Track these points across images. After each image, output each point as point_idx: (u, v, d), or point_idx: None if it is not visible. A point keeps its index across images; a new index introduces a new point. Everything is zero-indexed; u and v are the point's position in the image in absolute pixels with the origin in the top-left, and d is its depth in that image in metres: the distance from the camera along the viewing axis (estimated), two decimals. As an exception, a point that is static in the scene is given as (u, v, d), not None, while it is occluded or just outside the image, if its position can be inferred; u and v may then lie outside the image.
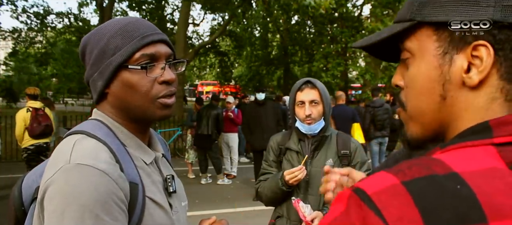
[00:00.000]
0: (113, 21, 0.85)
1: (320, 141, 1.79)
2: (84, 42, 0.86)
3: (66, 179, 0.68)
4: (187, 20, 13.87)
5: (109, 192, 0.70)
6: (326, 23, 13.85)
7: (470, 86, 0.48)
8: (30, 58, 18.56)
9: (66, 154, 0.72)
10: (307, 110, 1.73)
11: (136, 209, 0.76)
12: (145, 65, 0.80)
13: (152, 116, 0.83)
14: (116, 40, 0.80)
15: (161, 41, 0.84)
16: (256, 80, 19.43)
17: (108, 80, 0.81)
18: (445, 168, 0.42)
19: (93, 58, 0.83)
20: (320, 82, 1.82)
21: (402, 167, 0.43)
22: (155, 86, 0.82)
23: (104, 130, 0.81)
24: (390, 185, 0.41)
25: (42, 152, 5.01)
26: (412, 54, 0.53)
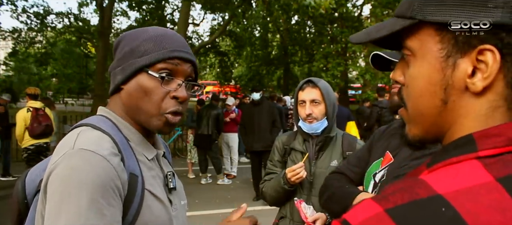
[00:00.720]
0: (153, 28, 0.89)
1: (324, 141, 1.78)
2: (121, 37, 0.91)
3: (68, 162, 0.71)
4: (187, 20, 13.86)
5: (108, 177, 0.72)
6: (326, 23, 13.84)
7: (474, 92, 0.46)
8: (30, 58, 18.53)
9: (70, 142, 0.75)
10: (307, 109, 1.74)
11: (134, 200, 0.78)
12: (163, 77, 0.83)
13: (153, 127, 0.86)
14: (148, 45, 0.84)
15: (188, 60, 0.87)
16: (256, 80, 19.42)
17: (127, 78, 0.84)
18: (429, 190, 0.41)
19: (122, 54, 0.87)
20: (323, 82, 1.80)
21: (386, 193, 0.43)
22: (166, 99, 0.85)
23: (108, 124, 0.83)
24: (374, 214, 0.41)
25: (42, 152, 5.01)
26: (413, 53, 0.51)
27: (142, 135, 0.88)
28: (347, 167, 1.46)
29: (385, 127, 1.44)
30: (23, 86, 19.08)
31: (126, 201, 0.76)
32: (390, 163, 1.25)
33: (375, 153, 1.37)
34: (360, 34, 0.58)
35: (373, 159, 1.36)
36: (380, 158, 1.33)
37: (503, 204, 0.38)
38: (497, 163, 0.42)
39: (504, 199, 0.39)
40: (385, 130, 1.42)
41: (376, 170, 1.32)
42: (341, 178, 1.44)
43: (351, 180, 1.42)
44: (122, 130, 0.85)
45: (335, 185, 1.40)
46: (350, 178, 1.43)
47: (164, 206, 0.85)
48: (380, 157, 1.33)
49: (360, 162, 1.43)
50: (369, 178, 1.34)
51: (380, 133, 1.43)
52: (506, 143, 0.43)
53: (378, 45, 0.60)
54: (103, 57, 13.39)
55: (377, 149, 1.37)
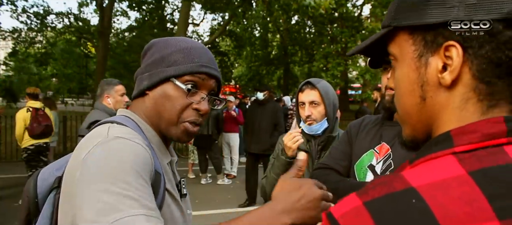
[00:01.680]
0: (184, 39, 0.93)
1: (327, 141, 1.79)
2: (152, 43, 0.93)
3: (105, 149, 0.71)
4: (187, 20, 13.86)
5: (146, 162, 0.73)
6: (326, 23, 13.85)
7: (445, 85, 0.50)
8: (30, 58, 18.54)
9: (103, 133, 0.75)
10: (306, 110, 1.75)
11: (158, 197, 0.78)
12: (189, 89, 0.86)
13: (172, 134, 0.88)
14: (178, 56, 0.87)
15: (213, 76, 0.90)
16: (256, 80, 19.42)
17: (154, 85, 0.87)
18: (404, 183, 0.43)
19: (151, 60, 0.90)
20: (323, 83, 1.80)
21: (368, 188, 0.45)
22: (187, 110, 0.87)
23: (132, 124, 0.85)
24: (353, 207, 0.44)
25: (42, 152, 5.01)
26: (396, 58, 0.56)
27: (160, 138, 0.91)
28: (333, 161, 1.47)
29: (359, 122, 1.50)
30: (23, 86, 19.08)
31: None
32: (388, 154, 1.29)
33: (360, 147, 1.40)
34: (355, 47, 0.65)
35: (359, 152, 1.39)
36: (369, 150, 1.36)
37: (472, 196, 0.40)
38: (470, 158, 0.44)
39: (474, 192, 0.41)
40: (361, 124, 1.48)
41: (369, 162, 1.34)
42: (332, 173, 1.45)
43: (339, 173, 1.44)
44: (144, 132, 0.87)
45: (333, 179, 1.40)
46: (338, 171, 1.45)
47: (180, 208, 0.87)
48: (369, 149, 1.36)
49: (344, 156, 1.45)
50: (365, 170, 1.35)
51: (356, 127, 1.48)
52: (480, 139, 0.46)
53: (367, 56, 0.67)
54: (103, 57, 13.39)
55: (361, 142, 1.41)
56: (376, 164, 1.32)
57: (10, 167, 7.42)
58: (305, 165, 1.70)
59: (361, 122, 1.49)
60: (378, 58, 0.67)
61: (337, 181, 1.38)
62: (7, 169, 7.33)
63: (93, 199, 0.64)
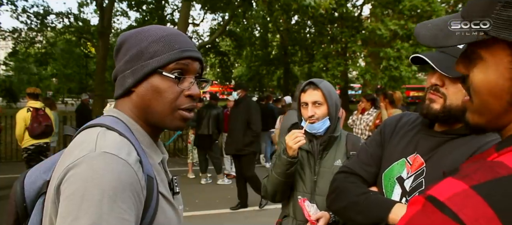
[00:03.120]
0: (156, 27, 0.89)
1: (329, 141, 1.79)
2: (123, 39, 0.90)
3: (90, 165, 0.70)
4: (187, 20, 13.86)
5: (130, 182, 0.71)
6: (326, 23, 13.84)
7: None
8: (30, 58, 18.53)
9: (91, 143, 0.74)
10: (309, 111, 1.75)
11: (152, 202, 0.78)
12: (179, 77, 0.85)
13: (168, 124, 0.87)
14: (157, 46, 0.85)
15: (197, 58, 0.89)
16: (256, 80, 19.43)
17: (139, 81, 0.84)
18: (508, 169, 0.46)
19: (129, 56, 0.86)
20: (325, 83, 1.81)
21: (467, 172, 0.47)
22: (180, 97, 0.86)
23: (121, 126, 0.83)
24: (460, 190, 0.45)
25: (42, 152, 5.01)
26: (482, 59, 0.58)
27: (151, 138, 0.89)
28: (360, 166, 1.32)
29: (395, 121, 1.33)
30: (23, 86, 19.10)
31: (145, 205, 0.76)
32: (421, 170, 1.14)
33: (392, 152, 1.25)
34: (426, 35, 0.63)
35: (391, 158, 1.24)
36: (401, 159, 1.20)
37: None
38: None
39: None
40: (396, 124, 1.31)
41: (399, 173, 1.19)
42: (356, 180, 1.30)
43: (364, 180, 1.30)
44: (134, 133, 0.85)
45: (355, 191, 1.24)
46: (363, 178, 1.30)
47: (174, 209, 0.87)
48: (401, 157, 1.20)
49: (373, 160, 1.31)
50: (392, 182, 1.20)
51: (391, 127, 1.31)
52: None
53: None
54: (103, 57, 13.39)
55: (394, 148, 1.25)
56: (406, 178, 1.17)
57: (10, 167, 7.42)
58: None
59: (397, 121, 1.32)
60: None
61: (359, 194, 1.22)
62: (7, 169, 7.32)
63: (69, 217, 0.66)
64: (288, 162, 1.71)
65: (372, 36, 11.00)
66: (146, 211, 0.76)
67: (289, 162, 1.71)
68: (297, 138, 1.66)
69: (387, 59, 10.67)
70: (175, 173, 0.97)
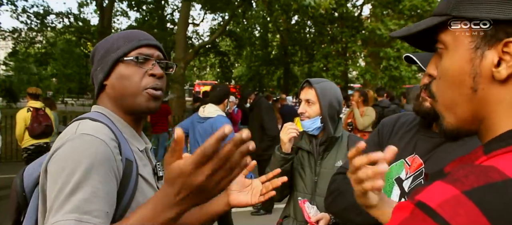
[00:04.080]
0: (120, 32, 1.03)
1: (330, 142, 1.79)
2: (95, 47, 1.03)
3: (71, 145, 0.80)
4: (187, 20, 13.87)
5: (106, 157, 0.80)
6: (326, 23, 13.84)
7: (499, 79, 0.51)
8: (30, 58, 18.51)
9: (73, 129, 0.85)
10: (301, 108, 1.81)
11: (130, 184, 0.86)
12: (137, 57, 0.95)
13: (140, 106, 0.95)
14: (119, 42, 0.97)
15: (155, 46, 1.01)
16: (256, 80, 19.43)
17: (107, 73, 0.96)
18: (501, 174, 0.43)
19: (98, 58, 0.99)
20: (324, 83, 1.81)
21: (458, 176, 0.45)
22: (145, 77, 0.95)
23: (103, 118, 0.93)
24: (451, 196, 0.42)
25: (42, 152, 4.99)
26: (446, 47, 0.57)
27: (132, 128, 0.99)
28: None
29: (393, 121, 1.32)
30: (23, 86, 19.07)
31: (121, 185, 0.85)
32: (420, 171, 1.13)
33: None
34: (401, 30, 0.66)
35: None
36: (400, 160, 1.19)
37: None
38: None
39: None
40: (394, 125, 1.30)
41: (398, 174, 1.19)
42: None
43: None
44: (115, 123, 0.94)
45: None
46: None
47: (155, 191, 0.89)
48: (400, 158, 1.20)
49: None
50: (391, 183, 1.20)
51: (389, 128, 1.31)
52: None
53: (412, 45, 0.67)
54: (103, 57, 13.36)
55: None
56: (405, 179, 1.17)
57: (10, 167, 7.41)
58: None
59: (395, 122, 1.31)
60: (420, 44, 0.67)
61: None
62: (7, 169, 7.32)
63: (49, 199, 0.77)
64: (282, 158, 1.72)
65: (372, 36, 10.99)
66: (124, 191, 0.85)
67: (282, 158, 1.72)
68: (288, 131, 1.69)
69: (387, 59, 10.68)
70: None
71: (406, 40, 0.67)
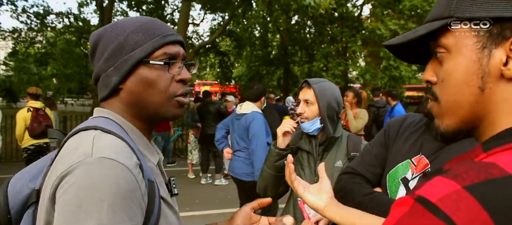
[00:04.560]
0: (130, 19, 0.84)
1: (329, 142, 1.79)
2: (97, 36, 0.84)
3: (88, 172, 0.65)
4: (187, 20, 13.86)
5: (130, 189, 0.67)
6: (326, 23, 13.83)
7: (509, 77, 0.51)
8: (30, 58, 18.53)
9: (87, 147, 0.68)
10: (299, 108, 1.80)
11: (154, 208, 0.74)
12: (168, 62, 0.81)
13: (165, 114, 0.83)
14: (137, 36, 0.80)
15: (178, 42, 0.86)
16: (256, 80, 19.39)
17: (125, 76, 0.79)
18: (501, 171, 0.43)
19: (108, 53, 0.80)
20: (322, 83, 1.80)
21: (458, 172, 0.44)
22: (173, 84, 0.82)
23: (115, 127, 0.78)
24: (452, 190, 0.42)
25: (42, 152, 5.01)
26: (448, 50, 0.56)
27: (146, 136, 0.85)
28: (364, 167, 1.31)
29: (399, 122, 1.31)
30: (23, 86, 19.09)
31: (147, 211, 0.72)
32: (426, 169, 1.13)
33: (396, 153, 1.23)
34: (396, 38, 0.63)
35: (395, 159, 1.23)
36: (406, 160, 1.19)
37: None
38: None
39: None
40: (401, 125, 1.29)
41: (404, 174, 1.18)
42: (361, 181, 1.29)
43: (368, 181, 1.29)
44: (129, 134, 0.80)
45: (360, 192, 1.23)
46: (368, 179, 1.29)
47: (175, 212, 0.84)
48: (406, 159, 1.19)
49: (377, 161, 1.30)
50: (397, 183, 1.20)
51: (396, 128, 1.30)
52: None
53: (400, 58, 0.66)
54: (103, 57, 13.35)
55: (398, 149, 1.24)
56: (411, 179, 1.16)
57: (10, 167, 7.41)
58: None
59: (402, 122, 1.30)
60: (414, 51, 0.65)
61: (364, 195, 1.21)
62: (7, 169, 7.32)
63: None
64: (276, 153, 1.73)
65: (372, 36, 10.98)
66: (149, 217, 0.72)
67: (277, 153, 1.73)
68: (283, 125, 1.71)
69: (387, 59, 10.66)
70: (175, 173, 0.97)
71: (395, 52, 0.66)
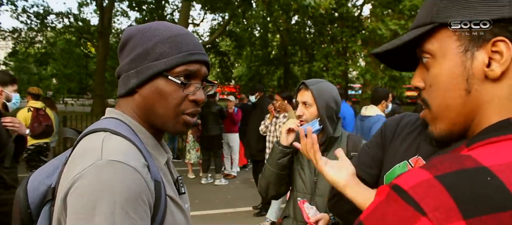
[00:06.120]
0: (164, 26, 0.85)
1: (329, 142, 1.79)
2: (129, 34, 0.86)
3: (98, 175, 0.67)
4: (187, 20, 13.86)
5: (140, 190, 0.69)
6: (326, 23, 13.83)
7: (493, 78, 0.53)
8: (30, 58, 18.54)
9: (96, 151, 0.71)
10: (298, 111, 1.79)
11: (160, 207, 0.76)
12: (185, 82, 0.82)
13: (170, 128, 0.85)
14: (164, 47, 0.81)
15: (204, 62, 0.86)
16: (256, 80, 19.41)
17: (143, 82, 0.81)
18: (475, 162, 0.46)
19: (134, 55, 0.83)
20: (321, 84, 1.80)
21: (434, 162, 0.47)
22: (185, 102, 0.83)
23: (125, 128, 0.80)
24: (424, 179, 0.45)
25: (42, 152, 5.01)
26: (432, 55, 0.58)
27: (155, 139, 0.87)
28: (361, 168, 1.30)
29: (396, 122, 1.30)
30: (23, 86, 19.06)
31: (153, 210, 0.75)
32: None
33: (393, 154, 1.22)
34: (383, 45, 0.65)
35: (392, 160, 1.21)
36: (403, 161, 1.18)
37: None
38: None
39: None
40: (397, 126, 1.29)
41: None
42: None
43: (365, 182, 1.27)
44: (138, 134, 0.82)
45: None
46: (365, 180, 1.28)
47: (182, 211, 0.85)
48: (403, 160, 1.18)
49: (374, 162, 1.29)
50: None
51: (392, 129, 1.28)
52: None
53: (391, 67, 0.69)
54: (103, 57, 13.39)
55: (395, 150, 1.22)
56: None
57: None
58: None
59: (398, 122, 1.29)
60: (402, 58, 0.67)
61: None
62: (7, 169, 7.32)
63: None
64: (280, 151, 1.73)
65: (372, 36, 10.98)
66: (155, 216, 0.75)
67: (281, 151, 1.73)
68: (288, 123, 1.71)
69: (387, 59, 10.67)
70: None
71: (384, 61, 0.68)
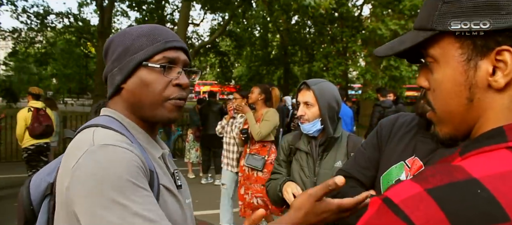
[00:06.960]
0: (140, 26, 0.91)
1: (329, 142, 1.79)
2: (109, 41, 0.91)
3: (94, 159, 0.70)
4: (187, 20, 13.86)
5: (138, 165, 0.72)
6: (326, 23, 13.83)
7: (497, 88, 0.51)
8: (30, 58, 18.52)
9: (88, 140, 0.74)
10: (300, 110, 1.79)
11: (153, 194, 0.78)
12: (164, 65, 0.85)
13: (160, 116, 0.87)
14: (141, 41, 0.86)
15: (181, 48, 0.90)
16: (256, 80, 19.41)
17: (127, 76, 0.85)
18: (465, 174, 0.45)
19: (115, 55, 0.87)
20: (322, 84, 1.80)
21: (425, 175, 0.47)
22: (169, 87, 0.86)
23: (116, 124, 0.84)
24: (415, 192, 0.45)
25: (42, 152, 5.00)
26: (436, 60, 0.56)
27: (147, 134, 0.90)
28: (357, 169, 1.31)
29: (391, 123, 1.30)
30: (23, 86, 19.10)
31: None
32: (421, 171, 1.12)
33: (390, 155, 1.22)
34: (384, 48, 0.65)
35: (388, 161, 1.22)
36: (400, 162, 1.18)
37: None
38: None
39: None
40: (393, 126, 1.28)
41: (398, 176, 1.18)
42: (355, 185, 1.28)
43: (362, 184, 1.29)
44: (130, 130, 0.86)
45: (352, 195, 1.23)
46: (362, 182, 1.29)
47: (178, 201, 0.86)
48: (399, 160, 1.18)
49: (371, 163, 1.29)
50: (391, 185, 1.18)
51: (388, 129, 1.29)
52: None
53: (400, 57, 0.66)
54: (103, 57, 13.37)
55: (392, 151, 1.23)
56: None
57: (10, 167, 7.42)
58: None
59: (394, 122, 1.29)
60: (409, 57, 0.66)
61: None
62: (7, 169, 7.33)
63: (97, 219, 0.66)
64: (279, 198, 1.74)
65: (372, 36, 10.98)
66: None
67: (280, 198, 1.74)
68: (288, 190, 1.67)
69: (387, 59, 10.67)
70: (175, 173, 0.98)
71: (397, 55, 0.66)
